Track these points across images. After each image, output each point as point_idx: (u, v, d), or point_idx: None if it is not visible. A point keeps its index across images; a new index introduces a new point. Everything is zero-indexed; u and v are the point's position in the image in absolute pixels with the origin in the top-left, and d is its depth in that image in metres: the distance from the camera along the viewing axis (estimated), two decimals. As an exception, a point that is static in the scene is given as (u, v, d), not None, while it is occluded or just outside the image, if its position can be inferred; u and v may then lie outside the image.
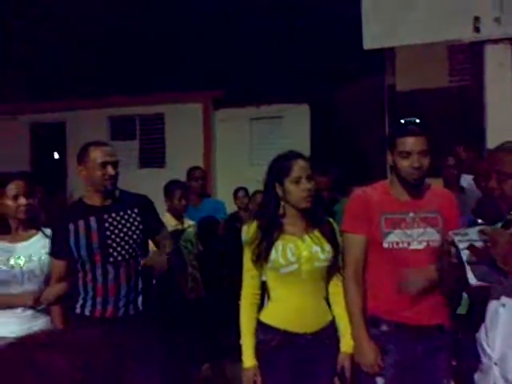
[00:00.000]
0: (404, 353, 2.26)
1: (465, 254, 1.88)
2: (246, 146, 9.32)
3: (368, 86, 8.61)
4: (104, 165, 2.59)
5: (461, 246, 1.88)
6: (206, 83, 9.08)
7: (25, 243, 2.74)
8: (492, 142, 5.15)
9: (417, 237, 2.29)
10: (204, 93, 9.36)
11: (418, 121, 2.29)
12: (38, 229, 2.77)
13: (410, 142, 2.25)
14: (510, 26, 4.92)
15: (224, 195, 3.32)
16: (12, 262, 2.68)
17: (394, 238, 2.29)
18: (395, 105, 8.31)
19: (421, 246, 2.28)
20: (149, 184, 7.23)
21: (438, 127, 2.33)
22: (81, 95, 9.51)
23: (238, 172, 7.94)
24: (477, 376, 2.03)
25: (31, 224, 2.77)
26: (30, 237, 2.76)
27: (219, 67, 9.04)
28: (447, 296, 2.27)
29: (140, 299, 2.66)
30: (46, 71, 10.10)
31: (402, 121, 2.32)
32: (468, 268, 1.87)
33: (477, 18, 5.02)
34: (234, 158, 8.94)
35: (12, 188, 2.70)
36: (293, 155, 2.42)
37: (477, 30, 5.04)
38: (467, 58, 8.40)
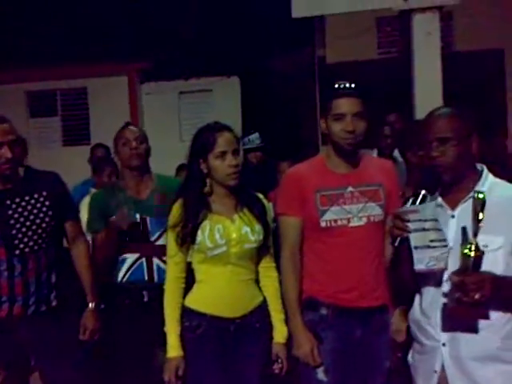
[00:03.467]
0: (343, 338, 2.14)
1: (413, 238, 1.77)
2: (174, 121, 9.00)
3: (298, 58, 8.51)
4: None
5: (411, 226, 1.77)
6: (131, 55, 8.66)
7: None
8: (420, 112, 5.14)
9: (357, 212, 2.14)
10: (129, 65, 8.95)
11: (352, 84, 2.14)
12: None
13: (343, 104, 2.10)
14: (437, -5, 4.89)
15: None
16: None
17: (331, 216, 2.14)
18: (326, 77, 8.26)
19: (361, 223, 2.13)
20: (73, 162, 6.85)
21: (369, 99, 2.18)
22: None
23: (167, 149, 7.65)
24: (417, 358, 1.94)
25: None
26: None
27: (145, 38, 8.64)
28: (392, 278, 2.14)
29: (53, 294, 2.40)
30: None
31: (336, 84, 2.16)
32: (414, 252, 1.77)
33: (405, -13, 4.96)
34: (163, 134, 8.60)
35: None
36: (217, 127, 2.23)
37: (405, -2, 4.98)
38: (395, 30, 8.46)
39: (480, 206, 1.68)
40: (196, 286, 2.23)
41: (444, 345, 1.81)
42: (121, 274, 2.61)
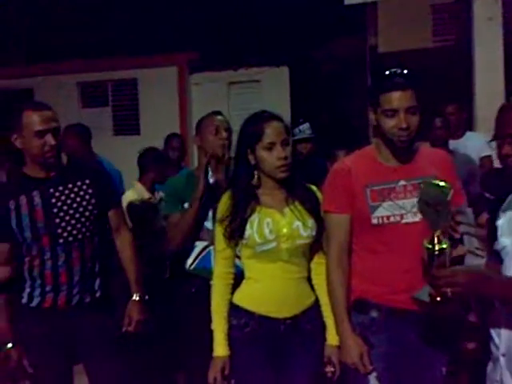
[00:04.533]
0: (396, 342, 2.00)
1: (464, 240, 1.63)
2: (224, 112, 8.91)
3: (349, 47, 8.28)
4: (41, 133, 2.21)
5: (460, 229, 1.62)
6: (180, 45, 8.65)
7: None
8: (481, 103, 4.90)
9: (410, 208, 1.98)
10: (178, 55, 8.94)
11: (405, 71, 1.99)
12: None
13: (395, 98, 1.94)
14: (500, -22, 4.62)
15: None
16: None
17: (383, 212, 2.00)
18: (377, 66, 8.00)
19: (416, 219, 1.96)
20: (124, 151, 6.90)
21: (424, 89, 2.02)
22: (48, 60, 9.01)
23: (215, 139, 7.62)
24: (489, 367, 1.78)
25: None
26: None
27: (193, 29, 8.61)
28: None
29: (97, 283, 2.37)
30: (9, 35, 9.56)
31: (387, 72, 2.01)
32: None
33: (466, -30, 4.71)
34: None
35: None
36: (265, 116, 2.12)
37: (465, -18, 4.73)
38: (451, 18, 8.11)
39: (435, 196, 1.54)
40: (245, 282, 2.14)
41: (504, 355, 1.67)
42: (189, 261, 2.59)
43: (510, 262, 1.59)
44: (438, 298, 1.55)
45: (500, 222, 1.66)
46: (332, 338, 2.12)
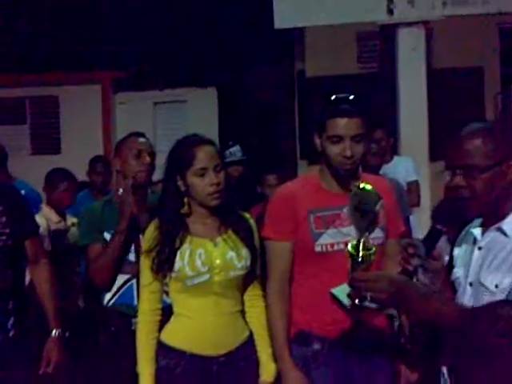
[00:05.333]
0: (340, 376, 1.91)
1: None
2: (149, 132, 8.68)
3: (277, 71, 8.35)
4: None
5: (413, 262, 1.55)
6: (104, 63, 8.40)
7: None
8: (405, 129, 5.02)
9: (344, 236, 1.91)
10: (103, 73, 8.67)
11: (351, 97, 1.94)
12: None
13: (341, 125, 1.89)
14: (424, 9, 4.78)
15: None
16: None
17: (327, 240, 1.92)
18: (305, 91, 8.11)
19: None
20: (42, 172, 6.54)
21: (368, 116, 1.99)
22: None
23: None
24: None
25: None
26: None
27: (118, 47, 8.39)
28: None
29: (11, 322, 2.14)
30: None
31: (333, 97, 1.96)
32: None
33: (390, 0, 4.83)
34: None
35: None
36: (196, 140, 2.00)
37: (390, 12, 4.85)
38: (375, 45, 8.38)
39: (362, 200, 1.53)
40: (174, 318, 1.98)
41: None
42: (108, 296, 2.37)
43: (462, 292, 1.54)
44: (357, 301, 1.46)
45: (455, 253, 1.63)
46: (267, 374, 2.01)
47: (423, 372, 1.95)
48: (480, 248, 1.53)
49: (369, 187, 1.56)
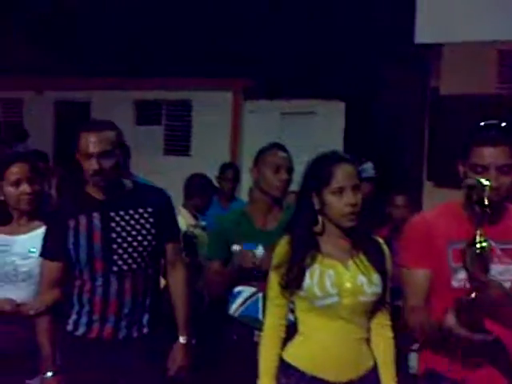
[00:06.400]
0: None
1: None
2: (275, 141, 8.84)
3: (410, 87, 8.08)
4: (88, 156, 2.10)
5: None
6: (237, 71, 8.63)
7: (24, 236, 2.34)
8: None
9: (498, 275, 1.79)
10: (234, 80, 8.93)
11: (503, 124, 1.81)
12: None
13: (487, 154, 1.77)
14: None
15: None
16: (7, 258, 2.29)
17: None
18: (438, 109, 7.77)
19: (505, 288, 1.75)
20: (173, 172, 6.88)
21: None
22: (107, 75, 9.15)
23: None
24: None
25: (35, 214, 2.37)
26: (31, 229, 2.35)
27: (252, 55, 8.59)
28: None
29: (146, 318, 2.22)
30: (74, 46, 9.77)
31: (482, 123, 1.84)
32: None
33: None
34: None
35: (14, 172, 2.31)
36: (335, 157, 1.95)
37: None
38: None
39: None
40: (297, 338, 1.96)
41: None
42: (234, 307, 2.42)
43: None
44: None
45: None
46: None
47: None
48: None
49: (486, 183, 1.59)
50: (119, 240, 2.16)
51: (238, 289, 2.43)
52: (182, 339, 2.30)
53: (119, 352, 2.17)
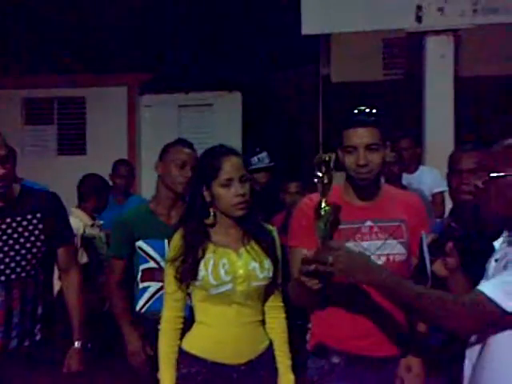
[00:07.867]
0: None
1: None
2: (173, 135, 8.74)
3: (302, 75, 8.34)
4: None
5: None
6: (131, 66, 8.48)
7: None
8: (431, 137, 4.96)
9: (375, 250, 1.91)
10: (129, 76, 8.75)
11: (372, 110, 1.93)
12: None
13: (355, 135, 1.89)
14: (453, 17, 4.72)
15: (150, 190, 2.90)
16: None
17: None
18: (330, 96, 8.08)
19: (380, 262, 1.88)
20: (69, 172, 6.63)
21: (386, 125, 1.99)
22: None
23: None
24: None
25: None
26: None
27: (145, 50, 8.47)
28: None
29: (38, 327, 2.16)
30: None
31: (355, 110, 1.96)
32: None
33: (419, 8, 4.79)
34: (161, 147, 8.42)
35: None
36: (222, 151, 2.00)
37: (419, 19, 4.81)
38: (401, 52, 8.31)
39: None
40: (196, 327, 2.00)
41: None
42: (141, 303, 2.44)
43: None
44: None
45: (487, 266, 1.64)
46: (285, 383, 2.01)
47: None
48: (496, 260, 1.56)
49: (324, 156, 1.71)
50: (6, 248, 2.09)
51: (142, 285, 2.44)
52: (76, 344, 2.27)
53: (10, 362, 2.09)
